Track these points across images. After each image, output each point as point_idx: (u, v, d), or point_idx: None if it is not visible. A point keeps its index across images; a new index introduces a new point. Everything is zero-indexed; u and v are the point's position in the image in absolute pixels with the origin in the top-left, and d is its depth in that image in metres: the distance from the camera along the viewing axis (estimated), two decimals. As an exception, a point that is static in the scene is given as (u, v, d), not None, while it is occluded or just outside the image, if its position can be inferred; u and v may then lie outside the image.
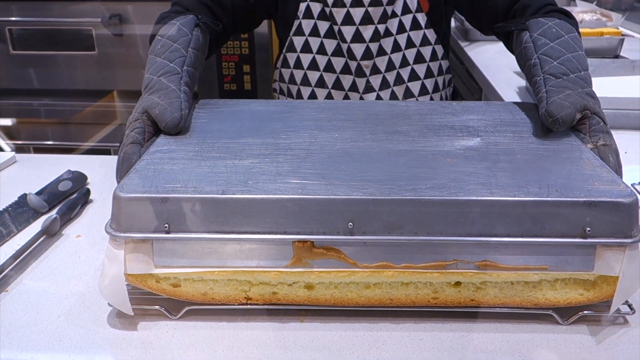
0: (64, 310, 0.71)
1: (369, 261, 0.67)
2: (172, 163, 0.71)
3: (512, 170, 0.69)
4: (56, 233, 0.88)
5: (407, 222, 0.64)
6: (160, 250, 0.66)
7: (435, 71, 1.28)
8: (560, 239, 0.64)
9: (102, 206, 0.97)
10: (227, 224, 0.65)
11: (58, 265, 0.81)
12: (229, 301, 0.69)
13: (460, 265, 0.66)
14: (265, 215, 0.64)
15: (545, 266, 0.66)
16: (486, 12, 1.12)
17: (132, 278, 0.68)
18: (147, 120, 0.80)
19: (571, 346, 0.66)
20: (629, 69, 1.48)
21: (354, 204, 0.64)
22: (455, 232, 0.64)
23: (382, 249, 0.66)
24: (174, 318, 0.69)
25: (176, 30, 0.94)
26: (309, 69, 1.25)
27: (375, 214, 0.64)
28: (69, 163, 1.08)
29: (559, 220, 0.64)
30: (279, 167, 0.70)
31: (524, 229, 0.64)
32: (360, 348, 0.65)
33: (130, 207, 0.65)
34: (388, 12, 1.19)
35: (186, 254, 0.67)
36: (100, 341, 0.67)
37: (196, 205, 0.64)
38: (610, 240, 0.64)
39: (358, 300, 0.69)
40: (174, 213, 0.64)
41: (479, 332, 0.68)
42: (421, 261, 0.66)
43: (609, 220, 0.64)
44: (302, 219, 0.64)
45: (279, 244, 0.66)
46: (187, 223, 0.65)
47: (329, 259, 0.67)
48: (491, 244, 0.65)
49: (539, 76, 0.84)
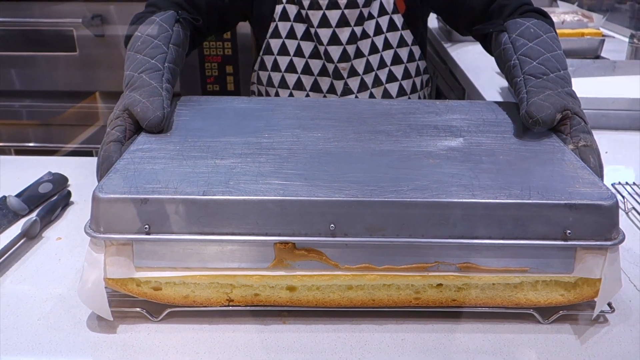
0: (43, 314, 0.71)
1: (350, 263, 0.66)
2: (152, 162, 0.71)
3: (494, 172, 0.70)
4: (36, 236, 0.87)
5: (389, 224, 0.64)
6: (141, 251, 0.66)
7: (413, 72, 1.28)
8: (541, 241, 0.65)
9: (83, 208, 0.96)
10: (208, 225, 0.64)
11: (38, 268, 0.80)
12: (211, 304, 0.69)
13: (441, 267, 0.67)
14: (247, 216, 0.64)
15: (526, 268, 0.67)
16: (463, 13, 1.13)
17: (113, 282, 0.67)
18: (128, 118, 0.79)
19: (552, 345, 0.66)
20: (609, 69, 1.49)
21: (336, 206, 0.64)
22: (436, 234, 0.64)
23: (364, 251, 0.66)
24: (155, 320, 0.69)
25: (156, 27, 0.93)
26: (287, 72, 1.24)
27: (357, 215, 0.64)
28: (49, 165, 1.07)
29: (539, 223, 0.64)
30: (261, 167, 0.70)
31: (505, 231, 0.64)
32: (343, 349, 0.65)
33: (110, 207, 0.64)
34: (364, 14, 1.19)
35: (167, 256, 0.66)
36: (80, 344, 0.66)
37: (177, 206, 0.64)
38: (590, 242, 0.65)
39: (340, 302, 0.69)
40: (154, 214, 0.64)
41: (461, 332, 0.68)
42: (403, 263, 0.66)
43: (590, 223, 0.64)
44: (283, 221, 0.64)
45: (260, 246, 0.66)
46: (168, 224, 0.64)
47: (310, 261, 0.66)
48: (472, 246, 0.65)
49: (519, 77, 0.85)
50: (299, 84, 1.25)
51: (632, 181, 1.03)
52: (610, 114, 1.30)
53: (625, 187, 1.01)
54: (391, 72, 1.26)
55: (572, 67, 1.44)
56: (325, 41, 1.19)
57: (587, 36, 1.82)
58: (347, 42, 1.20)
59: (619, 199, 0.97)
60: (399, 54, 1.25)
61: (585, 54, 1.69)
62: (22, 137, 2.12)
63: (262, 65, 1.27)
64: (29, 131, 2.12)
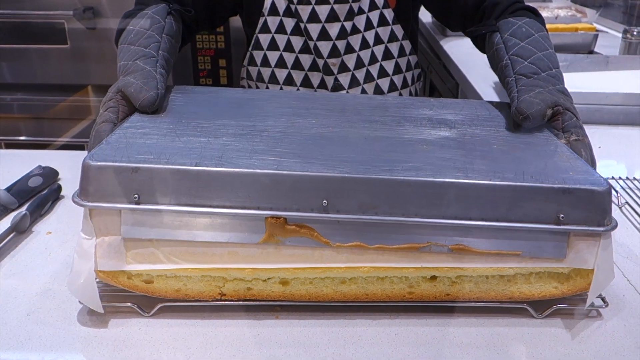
0: (33, 308, 0.70)
1: (342, 240, 0.66)
2: (145, 137, 0.70)
3: (488, 158, 0.70)
4: (26, 230, 0.86)
5: (382, 202, 0.64)
6: (129, 221, 0.65)
7: (404, 67, 1.28)
8: (534, 224, 0.65)
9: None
10: (199, 197, 0.63)
11: (28, 263, 0.79)
12: (203, 297, 0.69)
13: (433, 248, 0.66)
14: (238, 189, 0.63)
15: (518, 252, 0.66)
16: (455, 10, 1.14)
17: (103, 275, 0.66)
18: (121, 100, 0.79)
19: (546, 339, 0.66)
20: (602, 64, 1.50)
21: (329, 182, 0.63)
22: (429, 214, 0.64)
23: (356, 229, 0.65)
24: (147, 315, 0.68)
25: (149, 19, 0.93)
26: (277, 67, 1.23)
27: (350, 192, 0.63)
28: (39, 158, 1.06)
29: (533, 206, 0.64)
30: (255, 145, 0.69)
31: (499, 214, 0.64)
32: (336, 343, 0.65)
33: (100, 175, 0.63)
34: (354, 9, 1.18)
35: (156, 227, 0.65)
36: (71, 339, 0.65)
37: (168, 176, 0.63)
38: (583, 227, 0.65)
39: (334, 296, 0.69)
40: (144, 183, 0.63)
41: (455, 326, 0.68)
42: (395, 242, 0.66)
43: (583, 208, 0.64)
44: (275, 195, 0.63)
45: (251, 219, 0.65)
46: (158, 194, 0.63)
47: (301, 237, 0.66)
48: (465, 227, 0.65)
49: (511, 77, 0.85)
50: (289, 79, 1.24)
51: (625, 176, 1.03)
52: (604, 108, 1.30)
53: (618, 182, 1.02)
54: (382, 68, 1.25)
55: (566, 62, 1.44)
56: (314, 36, 1.18)
57: (580, 31, 1.82)
58: (337, 37, 1.19)
59: (613, 193, 0.97)
60: (390, 49, 1.25)
61: (578, 49, 1.69)
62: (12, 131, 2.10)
63: (251, 61, 1.26)
64: (20, 125, 2.10)
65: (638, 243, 0.85)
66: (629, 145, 1.21)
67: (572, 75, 1.37)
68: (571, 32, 1.80)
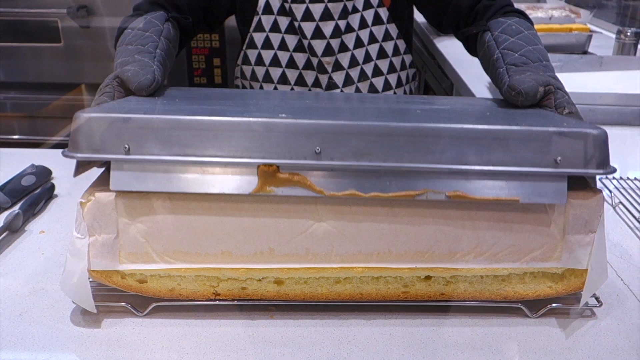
0: (26, 308, 0.69)
1: (336, 189, 0.64)
2: (138, 103, 0.71)
3: (483, 117, 0.71)
4: (19, 229, 0.85)
5: (376, 149, 0.63)
6: (119, 173, 0.64)
7: (399, 66, 1.28)
8: (531, 168, 0.64)
9: (67, 201, 0.95)
10: (191, 147, 0.63)
11: (21, 262, 0.78)
12: (197, 297, 0.68)
13: (430, 196, 0.65)
14: (231, 138, 0.63)
15: (517, 198, 0.65)
16: (449, 12, 1.15)
17: (97, 274, 0.66)
18: (117, 86, 0.78)
19: (540, 339, 0.66)
20: (596, 65, 1.50)
21: (322, 128, 0.63)
22: (424, 161, 0.64)
23: (350, 177, 0.64)
24: (141, 315, 0.68)
25: (148, 23, 0.94)
26: (271, 66, 1.23)
27: (344, 139, 0.63)
28: (33, 157, 1.06)
29: (529, 149, 0.64)
30: (248, 109, 0.70)
31: (495, 158, 0.64)
32: (331, 343, 0.65)
33: (90, 126, 0.62)
34: (349, 8, 1.19)
35: (147, 178, 0.64)
36: (64, 339, 0.65)
37: (159, 125, 0.62)
38: (581, 170, 0.64)
39: (328, 295, 0.69)
40: (135, 134, 0.62)
41: (449, 326, 0.68)
42: (390, 190, 0.65)
43: (580, 151, 0.64)
44: (267, 143, 0.63)
45: (243, 168, 0.64)
46: (149, 144, 0.62)
47: (294, 187, 0.64)
48: (462, 172, 0.64)
49: (502, 68, 0.87)
50: (283, 78, 1.24)
51: (619, 176, 1.04)
52: (597, 109, 1.31)
53: (612, 182, 1.02)
54: (377, 66, 1.25)
55: (560, 62, 1.45)
56: (309, 35, 1.18)
57: (574, 32, 1.83)
58: (331, 35, 1.19)
59: (606, 193, 0.98)
60: (384, 47, 1.25)
61: (572, 50, 1.69)
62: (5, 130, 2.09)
63: (245, 60, 1.26)
64: (13, 123, 2.09)
65: (631, 243, 0.85)
66: (622, 146, 1.21)
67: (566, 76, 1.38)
68: (565, 33, 1.80)
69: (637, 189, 0.99)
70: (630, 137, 1.25)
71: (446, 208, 0.66)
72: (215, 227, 0.65)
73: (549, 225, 0.66)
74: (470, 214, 0.66)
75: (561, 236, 0.67)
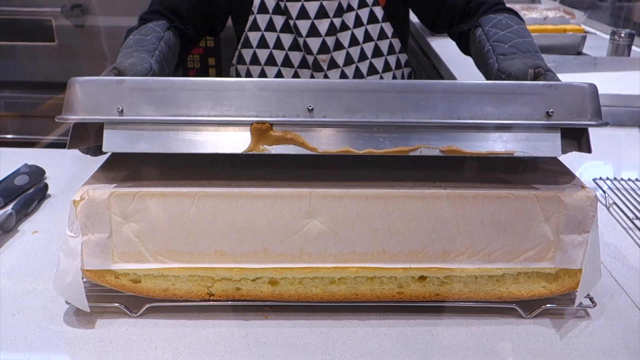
0: (19, 309, 0.69)
1: (329, 147, 0.64)
2: None
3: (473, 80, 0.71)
4: (12, 229, 0.85)
5: (368, 106, 0.63)
6: (112, 133, 0.64)
7: (393, 65, 1.29)
8: (524, 121, 0.64)
9: (60, 201, 0.94)
10: (184, 107, 0.63)
11: (13, 263, 0.78)
12: (191, 297, 0.68)
13: (424, 151, 0.65)
14: (223, 97, 0.63)
15: (512, 151, 0.65)
16: (444, 11, 1.17)
17: (90, 274, 0.66)
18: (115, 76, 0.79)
19: (534, 339, 0.66)
20: (590, 65, 1.51)
21: (315, 86, 0.64)
22: (417, 117, 0.64)
23: (343, 134, 0.64)
24: (134, 315, 0.68)
25: (149, 29, 0.98)
26: (267, 65, 1.24)
27: (336, 96, 0.63)
28: (26, 157, 1.05)
29: (521, 103, 0.64)
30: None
31: (487, 112, 0.64)
32: (325, 344, 0.65)
33: (84, 89, 0.63)
34: (344, 6, 1.19)
35: (139, 139, 0.64)
36: (57, 340, 0.64)
37: (152, 86, 0.63)
38: (574, 122, 0.65)
39: (323, 296, 0.69)
40: (128, 95, 0.63)
41: (444, 326, 0.68)
42: (384, 147, 0.65)
43: (571, 103, 0.64)
44: (260, 102, 0.63)
45: (236, 127, 0.64)
46: (142, 105, 0.63)
47: (288, 145, 0.64)
48: (454, 126, 0.64)
49: (492, 59, 0.89)
50: (279, 77, 1.24)
51: (613, 176, 1.04)
52: (592, 109, 1.31)
53: (605, 182, 1.02)
54: (372, 65, 1.26)
55: (554, 62, 1.45)
56: (304, 33, 1.19)
57: (569, 32, 1.83)
58: (326, 33, 1.19)
59: (600, 193, 0.98)
60: (380, 46, 1.25)
61: (567, 50, 1.70)
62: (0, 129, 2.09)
63: (240, 59, 1.26)
64: (6, 123, 2.09)
65: (625, 243, 0.85)
66: (616, 146, 1.21)
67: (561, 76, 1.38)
68: (560, 34, 1.81)
69: (630, 190, 1.00)
70: (624, 138, 1.26)
71: (440, 207, 0.66)
72: (209, 226, 0.65)
73: (543, 226, 0.66)
74: (465, 214, 0.66)
75: (555, 236, 0.67)
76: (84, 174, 0.70)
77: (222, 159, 0.72)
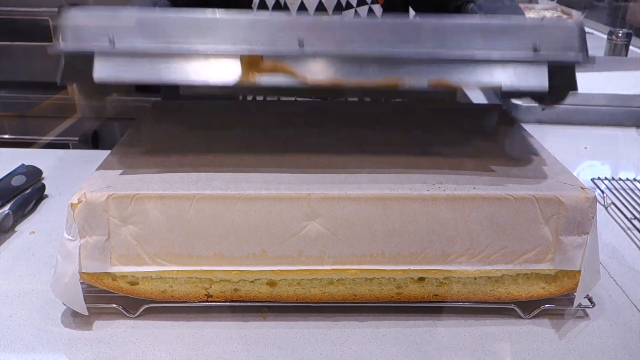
0: (16, 310, 0.69)
1: (319, 77, 0.64)
2: None
3: None
4: (9, 230, 0.85)
5: (358, 38, 0.63)
6: (103, 63, 0.63)
7: None
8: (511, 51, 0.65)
9: (57, 202, 0.94)
10: (175, 38, 0.63)
11: (10, 263, 0.78)
12: (189, 299, 0.68)
13: (412, 81, 0.65)
14: (215, 31, 0.63)
15: (499, 84, 0.65)
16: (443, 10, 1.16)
17: (88, 277, 0.65)
18: None
19: (533, 340, 0.66)
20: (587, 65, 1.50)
21: (306, 21, 0.64)
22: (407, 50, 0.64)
23: (333, 64, 0.65)
24: (132, 317, 0.67)
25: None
26: None
27: (326, 30, 0.63)
28: (23, 157, 1.05)
29: (508, 38, 0.64)
30: None
31: (476, 46, 0.64)
32: (324, 345, 0.65)
33: (76, 19, 0.63)
34: (342, 3, 1.20)
35: (130, 68, 0.64)
36: (54, 341, 0.64)
37: (144, 18, 0.63)
38: (560, 57, 0.65)
39: (321, 297, 0.69)
40: (120, 26, 0.62)
41: (443, 327, 0.68)
42: (373, 77, 0.65)
43: (558, 39, 0.65)
44: (252, 35, 0.63)
45: (228, 59, 0.64)
46: (134, 36, 0.63)
47: (278, 75, 0.64)
48: (443, 59, 0.64)
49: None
50: None
51: (611, 176, 1.04)
52: (589, 109, 1.31)
53: (604, 182, 1.02)
54: None
55: (552, 62, 1.45)
56: None
57: (566, 32, 1.83)
58: None
59: (598, 193, 0.98)
60: None
61: (564, 50, 1.70)
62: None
63: None
64: (4, 123, 2.08)
65: (623, 243, 0.85)
66: (614, 146, 1.21)
67: (559, 76, 1.38)
68: (557, 33, 1.81)
69: (628, 190, 1.00)
70: (622, 138, 1.26)
71: (439, 209, 0.66)
72: (207, 229, 0.65)
73: (542, 227, 0.66)
74: (464, 216, 0.66)
75: (554, 238, 0.67)
76: (81, 174, 0.70)
77: (222, 159, 0.72)
